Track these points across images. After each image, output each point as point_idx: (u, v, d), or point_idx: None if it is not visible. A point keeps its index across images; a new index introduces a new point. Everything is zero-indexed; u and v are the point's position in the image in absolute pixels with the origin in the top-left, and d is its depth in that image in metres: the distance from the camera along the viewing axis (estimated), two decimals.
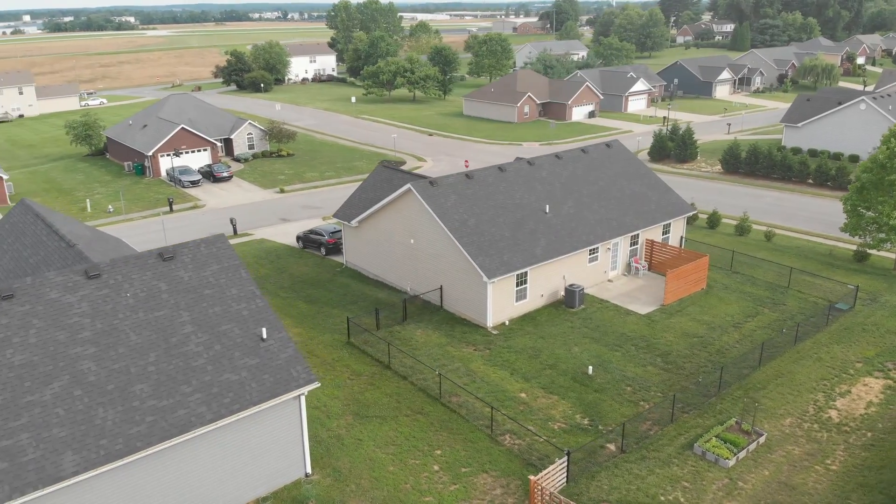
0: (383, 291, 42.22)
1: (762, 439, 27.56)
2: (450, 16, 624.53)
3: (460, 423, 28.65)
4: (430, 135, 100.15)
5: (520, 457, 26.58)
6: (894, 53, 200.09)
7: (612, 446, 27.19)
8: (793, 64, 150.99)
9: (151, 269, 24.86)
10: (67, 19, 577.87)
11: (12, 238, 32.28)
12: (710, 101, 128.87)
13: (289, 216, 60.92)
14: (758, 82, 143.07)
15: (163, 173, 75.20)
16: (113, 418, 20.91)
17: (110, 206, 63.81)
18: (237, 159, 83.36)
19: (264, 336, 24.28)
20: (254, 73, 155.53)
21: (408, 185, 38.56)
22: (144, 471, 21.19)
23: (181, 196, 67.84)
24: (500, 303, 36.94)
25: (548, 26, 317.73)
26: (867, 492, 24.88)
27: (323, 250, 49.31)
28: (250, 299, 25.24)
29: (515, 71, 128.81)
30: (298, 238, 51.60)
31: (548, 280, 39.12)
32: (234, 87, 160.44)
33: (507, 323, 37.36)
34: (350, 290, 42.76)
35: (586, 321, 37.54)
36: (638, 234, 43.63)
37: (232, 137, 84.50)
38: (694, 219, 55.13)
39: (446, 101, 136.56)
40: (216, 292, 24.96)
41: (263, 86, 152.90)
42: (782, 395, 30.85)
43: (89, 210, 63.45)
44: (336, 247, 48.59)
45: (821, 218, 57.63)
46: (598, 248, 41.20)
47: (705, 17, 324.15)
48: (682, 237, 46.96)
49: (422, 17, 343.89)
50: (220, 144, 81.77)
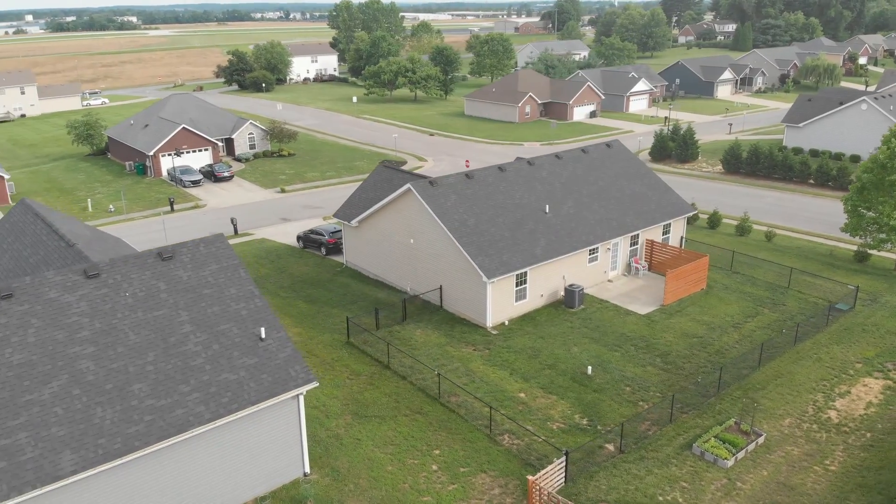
0: (383, 291, 42.25)
1: (761, 440, 27.54)
2: (452, 16, 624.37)
3: (459, 422, 28.66)
4: (432, 135, 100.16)
5: (518, 457, 26.58)
6: None
7: (610, 446, 27.18)
8: (795, 64, 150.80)
9: (150, 268, 24.90)
10: (70, 19, 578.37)
11: (12, 237, 32.35)
12: (711, 102, 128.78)
13: (289, 216, 60.97)
14: (759, 82, 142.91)
15: (164, 173, 75.29)
16: (111, 418, 20.95)
17: (111, 206, 63.91)
18: (238, 159, 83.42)
19: (263, 336, 24.31)
20: (255, 72, 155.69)
21: (407, 185, 38.58)
22: (143, 470, 21.23)
23: (182, 196, 67.92)
24: (500, 303, 36.94)
25: (550, 26, 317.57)
26: (866, 492, 24.85)
27: (323, 250, 49.35)
28: (249, 299, 25.27)
29: (517, 71, 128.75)
30: (299, 238, 51.65)
31: (547, 280, 39.11)
32: (235, 86, 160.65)
33: (507, 323, 37.35)
34: (350, 289, 42.78)
35: (586, 321, 37.53)
36: (638, 235, 43.61)
37: (233, 137, 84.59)
38: (694, 219, 55.10)
39: (448, 101, 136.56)
40: (215, 292, 24.99)
41: (265, 86, 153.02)
42: (781, 396, 30.82)
43: (90, 210, 63.54)
44: (336, 247, 48.61)
45: (822, 218, 57.55)
46: (597, 248, 41.18)
47: (707, 17, 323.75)
48: (682, 237, 46.93)
49: (424, 17, 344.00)
50: (221, 144, 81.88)
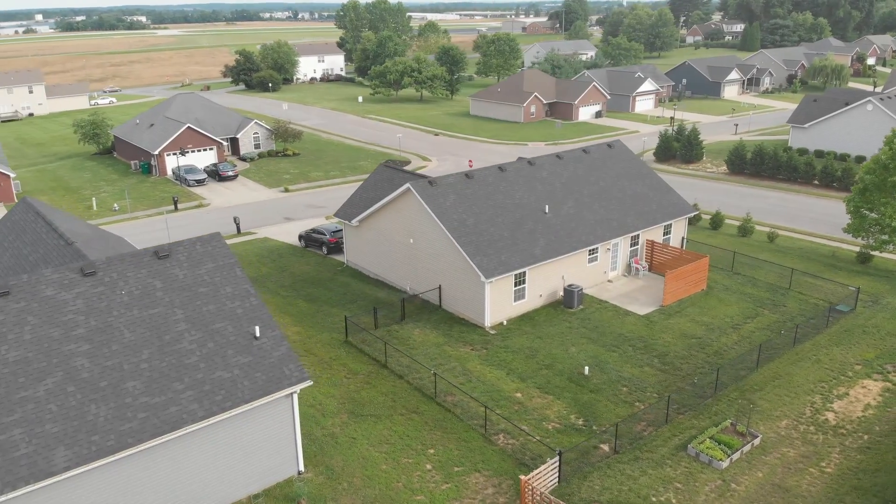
0: (383, 291, 42.32)
1: (757, 441, 27.46)
2: (459, 15, 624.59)
3: (454, 422, 28.69)
4: (436, 135, 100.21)
5: (513, 456, 26.59)
6: None
7: (605, 447, 27.15)
8: (802, 64, 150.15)
9: (147, 266, 25.04)
10: (79, 18, 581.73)
11: (13, 236, 32.61)
12: (718, 102, 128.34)
13: (293, 215, 61.15)
14: (767, 83, 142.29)
15: (169, 172, 75.64)
16: (105, 415, 21.09)
17: (116, 205, 64.25)
18: (243, 158, 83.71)
19: (257, 334, 24.41)
20: (262, 72, 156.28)
21: (407, 185, 38.63)
22: (136, 467, 21.36)
23: (186, 195, 68.21)
24: (498, 303, 36.95)
25: (557, 26, 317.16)
26: (861, 495, 24.74)
27: (324, 249, 49.48)
28: (244, 297, 25.37)
29: (522, 71, 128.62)
30: (300, 237, 51.80)
31: (547, 280, 39.08)
32: (242, 86, 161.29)
33: (506, 323, 37.36)
34: (350, 289, 42.88)
35: (584, 321, 37.49)
36: (638, 235, 43.52)
37: (238, 137, 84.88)
38: (697, 219, 54.95)
39: (453, 101, 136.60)
40: (210, 290, 25.11)
41: (272, 85, 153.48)
42: (779, 397, 30.71)
43: (95, 208, 63.90)
44: (338, 246, 48.73)
45: (826, 219, 57.29)
46: (597, 248, 41.13)
47: (715, 17, 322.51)
48: (683, 238, 46.81)
49: (431, 17, 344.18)
50: (226, 144, 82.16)
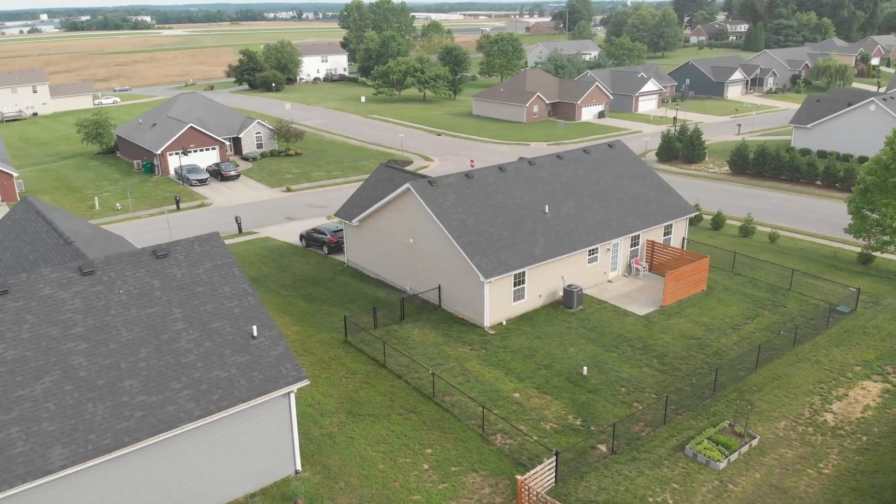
0: (383, 290, 42.36)
1: (755, 442, 27.42)
2: (463, 15, 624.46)
3: (452, 422, 28.71)
4: (439, 135, 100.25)
5: (510, 456, 26.61)
6: None
7: (603, 447, 27.14)
8: (806, 64, 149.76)
9: (145, 266, 25.11)
10: (84, 18, 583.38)
11: (13, 235, 32.74)
12: (721, 102, 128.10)
13: (294, 215, 61.23)
14: (770, 83, 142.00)
15: (171, 172, 75.81)
16: (102, 413, 21.17)
17: (118, 204, 64.42)
18: (246, 158, 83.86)
19: (255, 334, 24.47)
20: (265, 72, 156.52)
21: (406, 185, 38.66)
22: (133, 466, 21.43)
23: (189, 194, 68.37)
24: (498, 303, 36.95)
25: (561, 26, 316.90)
26: (859, 496, 24.69)
27: (325, 249, 49.55)
28: (242, 297, 25.43)
29: (525, 71, 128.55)
30: (301, 237, 51.88)
31: (546, 280, 39.08)
32: (246, 86, 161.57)
33: (505, 323, 37.36)
34: (350, 288, 42.93)
35: (584, 322, 37.48)
36: (639, 235, 43.48)
37: (241, 136, 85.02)
38: (698, 220, 54.86)
39: (456, 101, 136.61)
40: (208, 290, 25.17)
41: (275, 85, 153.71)
42: (778, 398, 30.66)
43: (97, 208, 64.07)
44: (338, 246, 48.78)
45: (828, 220, 57.15)
46: (597, 248, 41.11)
47: (719, 17, 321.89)
48: (683, 238, 46.75)
49: (435, 17, 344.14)
50: (228, 143, 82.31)
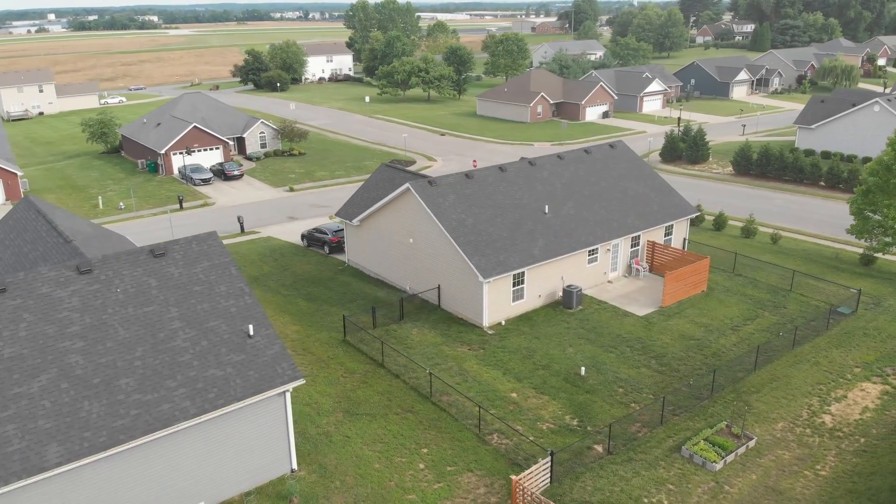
0: (383, 290, 42.42)
1: (752, 443, 27.36)
2: (470, 15, 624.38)
3: (449, 422, 28.75)
4: (443, 135, 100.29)
5: (506, 456, 26.62)
6: None
7: (599, 447, 27.13)
8: (812, 65, 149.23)
9: (142, 265, 25.23)
10: (91, 18, 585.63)
11: (14, 234, 32.94)
12: (726, 102, 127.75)
13: (297, 215, 61.36)
14: (776, 83, 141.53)
15: (175, 171, 76.07)
16: (98, 411, 21.29)
17: (122, 204, 64.67)
18: (249, 158, 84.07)
19: (251, 333, 24.55)
20: (271, 72, 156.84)
21: (406, 185, 38.71)
22: (128, 464, 21.55)
23: (192, 194, 68.59)
24: (497, 303, 36.96)
25: (566, 26, 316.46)
26: (855, 498, 24.61)
27: (326, 249, 49.65)
28: (239, 296, 25.52)
29: (529, 71, 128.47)
30: (303, 236, 52.00)
31: (546, 281, 39.06)
32: (251, 86, 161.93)
33: (504, 323, 37.37)
34: (350, 288, 43.01)
35: (583, 322, 37.45)
36: (639, 236, 43.41)
37: (244, 136, 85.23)
38: (700, 220, 54.73)
39: (461, 101, 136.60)
40: (205, 289, 25.28)
41: (280, 85, 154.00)
42: (776, 399, 30.58)
43: (101, 207, 64.35)
44: (339, 245, 48.87)
45: (831, 220, 56.93)
46: (597, 249, 41.07)
47: (726, 17, 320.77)
48: (684, 239, 46.65)
49: (441, 17, 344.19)
50: (232, 143, 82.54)
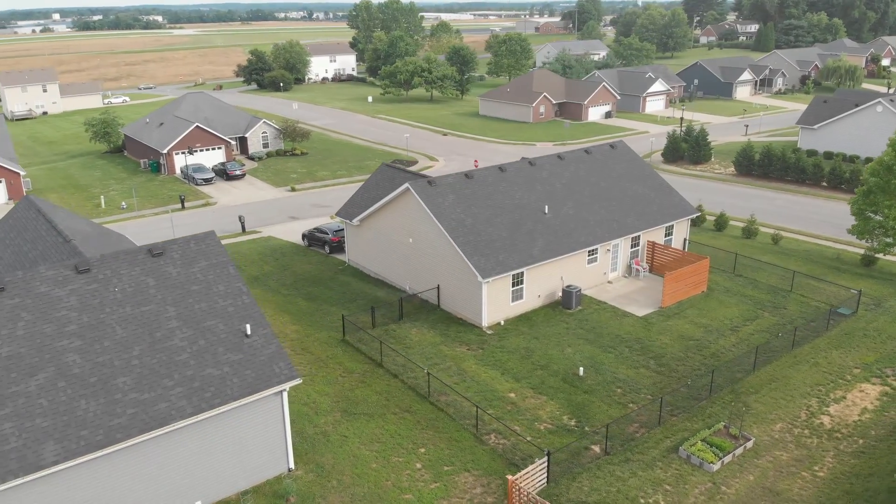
0: (383, 290, 42.46)
1: (750, 444, 27.32)
2: (474, 15, 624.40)
3: (447, 421, 28.77)
4: (445, 134, 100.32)
5: (503, 456, 26.63)
6: None
7: (596, 448, 27.12)
8: (816, 65, 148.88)
9: (140, 264, 25.30)
10: (96, 18, 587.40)
11: (14, 233, 33.07)
12: (730, 103, 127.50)
13: (298, 214, 61.44)
14: (779, 83, 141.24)
15: (177, 171, 76.23)
16: (94, 410, 21.36)
17: (124, 203, 64.83)
18: (251, 157, 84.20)
19: (248, 332, 24.60)
20: (274, 72, 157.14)
21: (406, 185, 38.74)
22: (124, 462, 21.61)
23: (194, 193, 68.73)
24: (496, 303, 36.97)
25: (570, 26, 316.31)
26: (853, 499, 24.55)
27: (327, 248, 49.71)
28: (236, 296, 25.57)
29: (532, 71, 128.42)
30: (304, 236, 52.07)
31: (545, 281, 39.05)
32: (254, 86, 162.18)
33: (503, 323, 37.37)
34: (350, 288, 43.05)
35: (582, 322, 37.43)
36: (639, 236, 43.37)
37: (247, 136, 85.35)
38: (701, 221, 54.65)
39: (463, 101, 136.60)
40: (203, 288, 25.33)
41: (283, 85, 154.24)
42: (775, 400, 30.53)
43: (103, 206, 64.50)
44: (340, 245, 48.92)
45: (833, 221, 56.78)
46: (597, 249, 41.04)
47: (730, 17, 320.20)
48: (685, 239, 46.59)
49: (445, 17, 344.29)
50: (234, 143, 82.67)
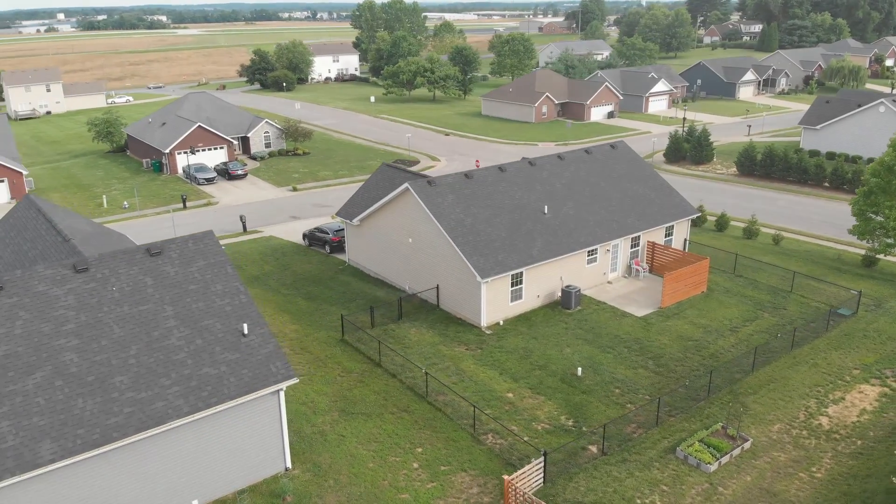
0: (382, 290, 42.50)
1: (747, 445, 27.29)
2: (477, 15, 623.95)
3: (444, 421, 28.80)
4: (447, 134, 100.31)
5: (500, 456, 26.65)
6: None
7: (593, 448, 27.12)
8: (819, 65, 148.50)
9: (139, 264, 25.37)
10: (101, 18, 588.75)
11: (15, 232, 33.20)
12: (733, 103, 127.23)
13: (299, 214, 61.51)
14: (783, 84, 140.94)
15: (179, 170, 76.37)
16: (91, 409, 21.43)
17: (125, 203, 64.97)
18: (254, 157, 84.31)
19: (245, 332, 24.65)
20: (277, 72, 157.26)
21: (405, 185, 38.78)
22: (121, 461, 21.68)
23: (196, 193, 68.84)
24: (495, 303, 36.98)
25: (574, 26, 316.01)
26: (850, 501, 24.51)
27: (327, 248, 49.78)
28: (234, 295, 25.63)
29: (535, 71, 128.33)
30: (304, 236, 52.14)
31: (545, 281, 39.04)
32: (257, 86, 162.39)
33: (502, 323, 37.38)
34: (350, 287, 43.10)
35: (581, 322, 37.42)
36: (639, 236, 43.34)
37: (249, 136, 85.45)
38: (702, 221, 54.59)
39: (466, 101, 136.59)
40: (200, 288, 25.40)
41: (286, 85, 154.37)
42: (773, 401, 30.49)
43: (105, 206, 64.64)
44: (340, 245, 48.98)
45: (835, 221, 56.65)
46: (596, 249, 41.02)
47: (733, 17, 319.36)
48: (685, 239, 46.54)
49: (449, 17, 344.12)
50: (236, 142, 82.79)
